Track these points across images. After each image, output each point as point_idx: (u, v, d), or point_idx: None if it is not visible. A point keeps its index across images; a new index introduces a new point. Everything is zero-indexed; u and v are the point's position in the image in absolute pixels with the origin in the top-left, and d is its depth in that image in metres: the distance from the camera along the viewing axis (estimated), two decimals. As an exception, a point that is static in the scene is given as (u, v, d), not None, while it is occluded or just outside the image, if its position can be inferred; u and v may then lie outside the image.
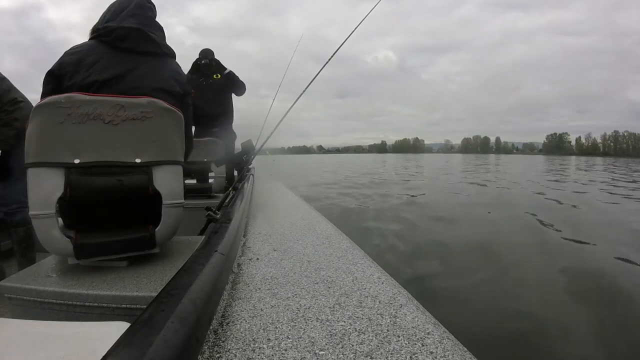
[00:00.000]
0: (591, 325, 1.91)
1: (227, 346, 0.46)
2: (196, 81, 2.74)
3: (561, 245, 3.42)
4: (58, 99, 0.78)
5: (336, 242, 0.99)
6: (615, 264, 2.84)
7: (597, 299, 2.23)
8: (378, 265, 0.80)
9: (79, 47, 0.94)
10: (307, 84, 1.87)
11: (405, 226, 4.19)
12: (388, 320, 0.53)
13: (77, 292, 0.74)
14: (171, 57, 1.07)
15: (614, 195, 7.13)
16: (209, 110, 2.68)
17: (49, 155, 0.78)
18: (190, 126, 1.07)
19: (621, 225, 4.28)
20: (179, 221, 0.95)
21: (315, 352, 0.44)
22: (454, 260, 2.94)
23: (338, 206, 5.65)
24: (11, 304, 0.78)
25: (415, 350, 0.45)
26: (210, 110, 2.70)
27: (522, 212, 5.00)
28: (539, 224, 4.27)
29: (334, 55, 1.84)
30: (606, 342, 1.75)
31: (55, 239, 0.80)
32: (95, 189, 0.82)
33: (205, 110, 2.64)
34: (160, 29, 1.07)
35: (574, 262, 2.90)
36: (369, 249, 2.15)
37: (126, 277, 0.83)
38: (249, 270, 0.76)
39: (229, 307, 0.58)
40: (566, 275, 2.58)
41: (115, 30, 0.94)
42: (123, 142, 0.85)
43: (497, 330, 1.82)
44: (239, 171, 1.91)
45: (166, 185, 0.90)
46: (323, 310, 0.56)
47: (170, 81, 1.00)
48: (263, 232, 1.12)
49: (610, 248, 3.24)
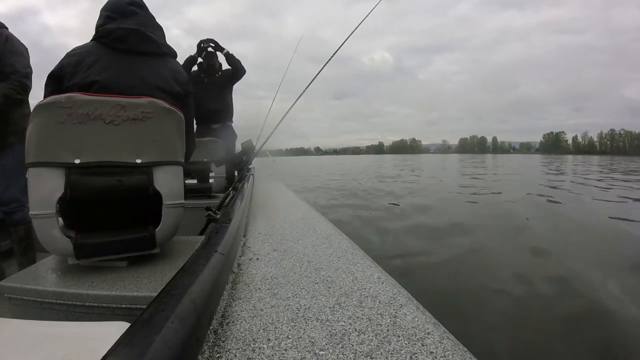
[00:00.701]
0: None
1: (227, 346, 0.46)
2: (197, 77, 2.75)
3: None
4: (58, 99, 0.78)
5: (336, 242, 0.99)
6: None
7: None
8: (378, 265, 0.80)
9: (78, 49, 0.95)
10: (307, 85, 1.88)
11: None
12: (388, 320, 0.53)
13: (77, 292, 0.74)
14: (171, 56, 1.07)
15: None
16: (210, 107, 2.68)
17: (50, 155, 0.78)
18: (191, 126, 1.07)
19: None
20: (179, 221, 0.95)
21: (315, 352, 0.44)
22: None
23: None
24: (11, 304, 0.78)
25: (415, 350, 0.45)
26: (211, 106, 2.70)
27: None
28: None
29: (333, 55, 1.84)
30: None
31: (56, 239, 0.80)
32: (95, 189, 0.82)
33: (206, 107, 2.64)
34: (160, 29, 1.06)
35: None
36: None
37: (126, 277, 0.83)
38: (249, 270, 0.76)
39: (229, 307, 0.58)
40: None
41: (114, 32, 0.94)
42: (123, 142, 0.85)
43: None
44: (238, 171, 1.91)
45: (166, 185, 0.90)
46: (323, 310, 0.56)
47: (170, 81, 1.00)
48: (263, 232, 1.12)
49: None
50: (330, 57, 1.84)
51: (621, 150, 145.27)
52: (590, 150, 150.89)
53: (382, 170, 17.64)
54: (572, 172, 15.19)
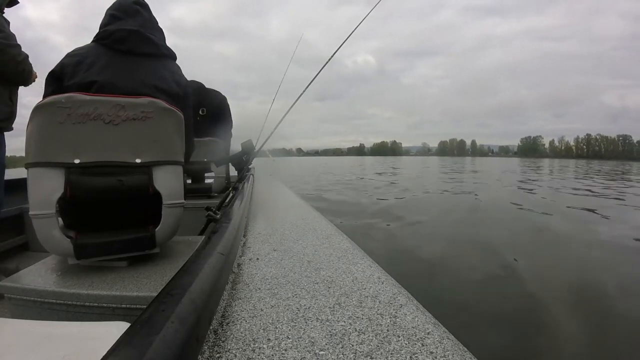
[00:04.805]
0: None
1: (227, 346, 0.46)
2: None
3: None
4: (58, 99, 0.78)
5: (336, 242, 0.99)
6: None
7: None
8: (378, 265, 0.80)
9: (79, 50, 0.95)
10: (305, 87, 1.88)
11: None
12: (388, 320, 0.53)
13: (77, 292, 0.74)
14: (171, 58, 1.07)
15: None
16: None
17: (49, 155, 0.78)
18: (190, 128, 1.07)
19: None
20: (179, 221, 0.95)
21: (315, 352, 0.44)
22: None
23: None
24: (11, 304, 0.78)
25: (415, 350, 0.45)
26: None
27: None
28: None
29: (331, 58, 1.85)
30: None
31: (56, 239, 0.80)
32: (95, 189, 0.82)
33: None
34: (160, 31, 1.07)
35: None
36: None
37: (126, 277, 0.83)
38: (249, 270, 0.76)
39: (229, 307, 0.58)
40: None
41: (115, 33, 0.95)
42: (123, 142, 0.85)
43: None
44: (238, 171, 1.91)
45: (166, 185, 0.90)
46: (323, 310, 0.56)
47: (170, 82, 1.00)
48: (263, 232, 1.12)
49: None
50: (327, 60, 1.84)
51: (597, 154, 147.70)
52: (567, 154, 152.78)
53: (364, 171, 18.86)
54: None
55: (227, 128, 2.52)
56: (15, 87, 1.48)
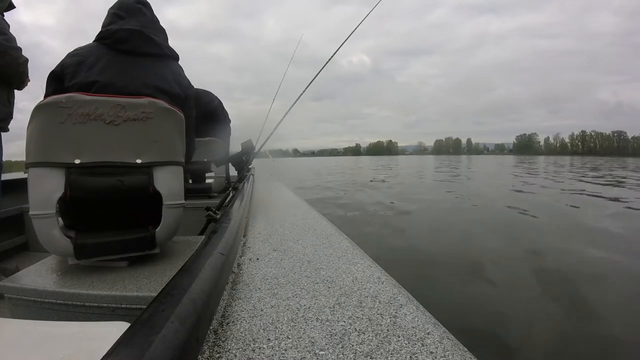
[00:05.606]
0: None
1: (227, 346, 0.46)
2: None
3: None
4: (59, 99, 0.78)
5: (336, 242, 0.99)
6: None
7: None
8: (378, 265, 0.80)
9: (80, 49, 0.95)
10: (304, 88, 1.88)
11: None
12: (388, 320, 0.53)
13: (77, 292, 0.74)
14: (173, 59, 1.07)
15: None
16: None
17: (50, 155, 0.78)
18: (191, 129, 1.07)
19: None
20: (179, 221, 0.95)
21: (315, 352, 0.44)
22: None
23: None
24: (11, 304, 0.78)
25: (415, 350, 0.45)
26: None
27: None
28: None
29: (331, 58, 1.85)
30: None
31: (56, 239, 0.80)
32: (95, 189, 0.82)
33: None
34: (162, 31, 1.06)
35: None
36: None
37: (126, 277, 0.83)
38: (249, 270, 0.76)
39: (229, 307, 0.58)
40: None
41: (117, 33, 0.94)
42: (124, 142, 0.85)
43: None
44: (238, 171, 1.91)
45: (167, 185, 0.90)
46: (323, 310, 0.56)
47: (171, 83, 0.99)
48: (263, 232, 1.12)
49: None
50: (327, 61, 1.85)
51: (592, 151, 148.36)
52: (563, 151, 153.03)
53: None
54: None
55: (225, 128, 2.53)
56: (12, 89, 1.49)
